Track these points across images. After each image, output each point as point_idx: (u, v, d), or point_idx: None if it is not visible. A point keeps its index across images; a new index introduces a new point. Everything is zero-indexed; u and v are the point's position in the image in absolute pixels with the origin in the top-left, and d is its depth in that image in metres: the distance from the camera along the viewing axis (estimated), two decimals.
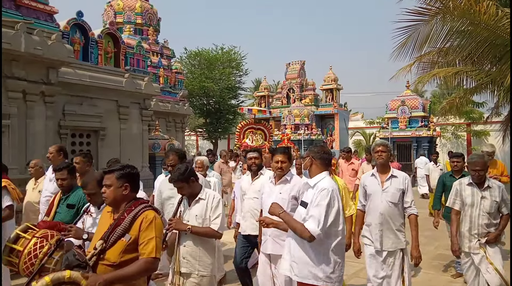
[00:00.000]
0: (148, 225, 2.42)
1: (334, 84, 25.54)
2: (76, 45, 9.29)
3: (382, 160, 3.95)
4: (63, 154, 5.06)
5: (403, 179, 3.89)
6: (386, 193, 3.84)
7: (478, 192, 3.99)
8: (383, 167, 3.96)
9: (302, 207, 2.97)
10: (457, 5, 7.50)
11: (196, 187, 3.41)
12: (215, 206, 3.37)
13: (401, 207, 3.88)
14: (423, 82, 10.53)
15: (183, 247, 3.34)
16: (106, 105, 9.66)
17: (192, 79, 26.26)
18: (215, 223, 3.33)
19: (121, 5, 15.39)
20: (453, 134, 24.69)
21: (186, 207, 3.43)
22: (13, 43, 6.71)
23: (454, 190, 4.16)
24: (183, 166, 3.41)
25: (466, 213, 4.06)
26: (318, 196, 2.83)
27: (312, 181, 3.01)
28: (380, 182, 3.91)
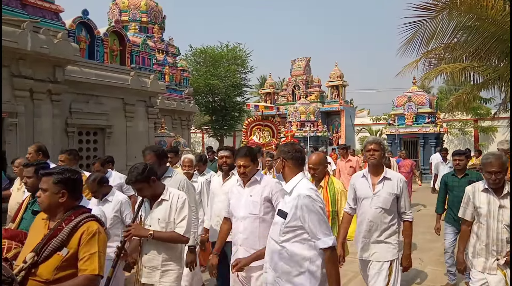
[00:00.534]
0: (90, 239, 2.13)
1: (339, 80, 25.47)
2: (82, 43, 9.33)
3: (375, 160, 3.48)
4: (42, 153, 4.81)
5: (397, 182, 3.45)
6: (377, 198, 3.43)
7: (496, 200, 3.26)
8: (375, 168, 3.52)
9: (280, 217, 2.63)
10: (464, 0, 7.43)
11: (158, 187, 3.07)
12: (180, 207, 3.04)
13: (395, 213, 3.48)
14: (429, 78, 10.45)
15: (145, 256, 3.01)
16: (112, 103, 9.70)
17: (197, 77, 26.28)
18: (181, 226, 3.00)
19: (126, 3, 15.42)
20: (460, 130, 24.54)
21: (147, 210, 3.10)
22: (20, 42, 6.75)
23: (466, 197, 3.50)
24: (141, 164, 3.04)
25: (482, 226, 3.32)
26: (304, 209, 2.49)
27: (288, 186, 2.69)
28: (371, 184, 3.50)
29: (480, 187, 3.39)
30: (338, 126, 25.60)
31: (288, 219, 2.57)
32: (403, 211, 3.46)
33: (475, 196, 3.41)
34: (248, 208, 3.14)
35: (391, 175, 3.51)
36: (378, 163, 3.50)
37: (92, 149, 9.28)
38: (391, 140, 18.61)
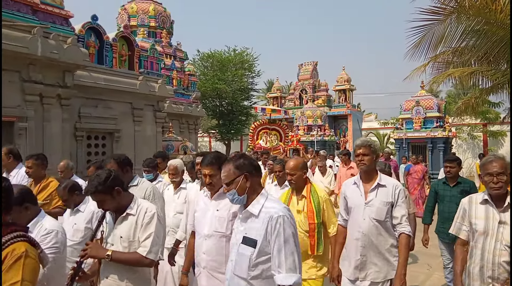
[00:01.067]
0: (13, 264, 1.75)
1: (347, 84, 25.41)
2: (91, 48, 9.43)
3: (364, 167, 3.12)
4: (13, 157, 4.57)
5: (392, 189, 3.08)
6: (370, 208, 3.08)
7: (495, 213, 2.67)
8: (367, 174, 3.17)
9: (248, 246, 2.18)
10: (472, 4, 7.40)
11: (123, 199, 2.61)
12: (146, 223, 2.57)
13: (391, 225, 3.11)
14: (438, 82, 10.40)
15: (105, 280, 2.59)
16: (121, 107, 9.78)
17: (204, 81, 26.40)
18: (144, 246, 2.54)
19: (135, 9, 15.57)
20: (469, 134, 24.33)
21: (110, 226, 2.66)
22: (30, 47, 6.85)
23: (460, 210, 2.94)
24: (103, 172, 2.60)
25: (477, 245, 2.74)
26: (275, 234, 2.13)
27: (254, 207, 2.26)
28: (363, 192, 3.13)
29: (478, 199, 2.80)
30: (345, 130, 25.52)
31: (258, 248, 2.14)
32: (398, 222, 3.05)
33: (471, 210, 2.82)
34: (213, 225, 2.69)
35: (386, 181, 3.15)
36: (369, 168, 3.14)
37: (101, 153, 9.35)
38: (399, 144, 18.50)
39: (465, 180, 4.78)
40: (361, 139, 3.24)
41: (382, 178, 3.15)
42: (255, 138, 14.59)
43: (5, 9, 6.81)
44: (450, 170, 4.67)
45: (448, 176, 4.72)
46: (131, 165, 3.58)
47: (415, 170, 10.46)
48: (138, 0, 15.93)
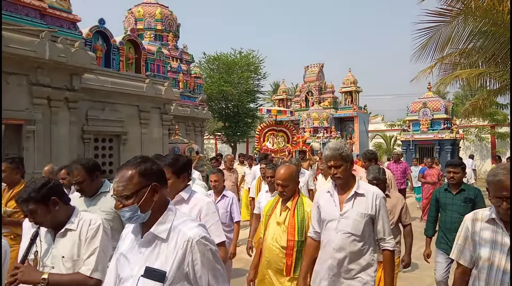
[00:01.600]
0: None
1: (353, 86, 25.35)
2: (99, 51, 9.50)
3: (340, 181, 2.74)
4: None
5: (372, 199, 2.70)
6: (345, 220, 2.69)
7: (506, 237, 2.13)
8: (341, 187, 2.79)
9: (153, 281, 1.62)
10: (479, 6, 7.38)
11: (61, 212, 2.22)
12: (90, 238, 2.21)
13: (370, 240, 2.72)
14: (445, 83, 10.37)
15: None
16: (128, 110, 9.84)
17: (211, 83, 26.47)
18: (87, 264, 2.17)
19: (142, 12, 15.67)
20: (476, 136, 24.14)
21: (49, 244, 2.25)
22: (38, 51, 6.91)
23: (463, 229, 2.37)
24: (40, 180, 2.24)
25: (481, 276, 2.22)
26: (199, 263, 1.66)
27: (160, 228, 1.71)
28: (337, 202, 2.76)
29: (485, 216, 2.26)
30: (352, 132, 25.43)
31: (170, 282, 1.63)
32: (381, 237, 2.70)
33: (475, 230, 2.27)
34: None
35: (365, 189, 2.75)
36: (345, 182, 2.75)
37: (108, 155, 9.41)
38: (406, 146, 18.41)
39: (469, 187, 4.35)
40: (329, 147, 2.74)
41: (360, 186, 2.75)
42: (261, 140, 14.43)
43: (14, 13, 6.89)
44: (453, 176, 4.22)
45: (451, 182, 4.25)
46: (100, 171, 3.29)
47: (429, 174, 9.99)
48: (144, 4, 16.03)
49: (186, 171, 2.69)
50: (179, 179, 2.62)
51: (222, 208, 4.49)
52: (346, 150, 2.72)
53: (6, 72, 6.70)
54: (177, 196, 2.62)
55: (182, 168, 2.64)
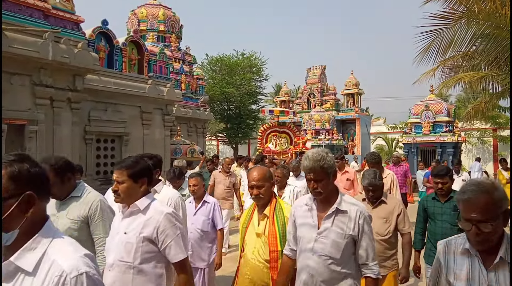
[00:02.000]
0: None
1: (355, 88, 25.36)
2: (101, 52, 9.53)
3: (321, 196, 2.36)
4: None
5: (356, 217, 2.31)
6: (323, 241, 2.30)
7: (482, 273, 1.73)
8: (321, 201, 2.40)
9: None
10: (482, 9, 7.36)
11: None
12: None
13: (351, 265, 2.34)
14: (447, 86, 10.35)
15: None
16: (130, 111, 9.87)
17: (213, 85, 26.52)
18: None
19: (145, 13, 15.72)
20: (478, 139, 24.10)
21: None
22: (41, 51, 6.94)
23: (435, 262, 1.98)
24: None
25: None
26: None
27: (26, 259, 1.25)
28: (315, 219, 2.37)
29: (458, 246, 1.84)
30: (353, 134, 25.43)
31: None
32: (364, 262, 2.32)
33: (448, 265, 1.86)
34: (119, 252, 2.23)
35: (349, 206, 2.35)
36: (325, 197, 2.37)
37: (110, 156, 9.43)
38: (408, 149, 18.39)
39: None
40: (309, 156, 2.33)
41: (343, 202, 2.36)
42: (264, 141, 14.31)
43: (17, 13, 6.92)
44: (442, 187, 3.84)
45: (440, 193, 3.89)
46: (73, 171, 2.91)
47: None
48: (148, 5, 16.09)
49: (146, 176, 2.36)
50: (136, 185, 2.28)
51: (203, 215, 4.20)
52: (329, 161, 2.31)
53: (9, 72, 6.74)
54: (132, 206, 2.29)
55: (141, 172, 2.33)
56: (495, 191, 1.65)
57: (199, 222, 4.15)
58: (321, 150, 2.36)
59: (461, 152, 19.45)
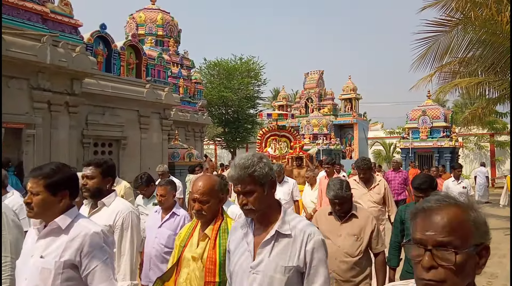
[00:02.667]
0: None
1: (353, 93, 25.42)
2: (100, 56, 9.54)
3: (253, 215, 1.80)
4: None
5: (302, 242, 1.73)
6: (258, 277, 1.74)
7: None
8: (259, 221, 1.83)
9: None
10: (478, 15, 7.42)
11: None
12: None
13: None
14: (444, 92, 10.41)
15: None
16: (128, 115, 9.86)
17: (211, 89, 26.54)
18: None
19: (143, 18, 15.75)
20: (476, 144, 24.17)
21: None
22: (39, 55, 6.95)
23: None
24: None
25: None
26: None
27: None
28: (251, 247, 1.80)
29: None
30: (351, 139, 25.46)
31: None
32: None
33: None
34: (33, 280, 1.82)
35: (294, 226, 1.76)
36: (262, 215, 1.80)
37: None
38: (405, 154, 18.43)
39: None
40: (235, 163, 1.79)
41: (287, 221, 1.78)
42: (263, 145, 14.06)
43: (16, 17, 6.93)
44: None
45: None
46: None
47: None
48: (146, 9, 16.12)
49: (68, 189, 1.94)
50: (55, 198, 1.89)
51: (169, 229, 3.51)
52: (261, 168, 1.76)
53: (7, 76, 6.73)
54: (51, 224, 1.89)
55: (61, 183, 1.91)
56: (473, 211, 1.06)
57: (164, 237, 3.44)
58: (254, 155, 1.82)
59: (458, 157, 19.50)
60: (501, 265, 6.51)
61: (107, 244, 1.96)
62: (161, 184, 3.73)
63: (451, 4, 8.12)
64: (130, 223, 2.75)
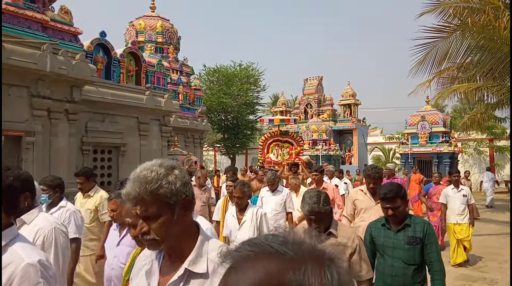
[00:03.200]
0: None
1: (352, 99, 25.49)
2: (99, 64, 9.57)
3: (155, 247, 1.34)
4: None
5: None
6: None
7: None
8: (168, 253, 1.39)
9: None
10: (475, 21, 7.47)
11: None
12: None
13: None
14: (443, 97, 10.45)
15: None
16: (127, 121, 9.87)
17: (210, 95, 26.59)
18: None
19: (143, 25, 15.83)
20: (475, 149, 24.19)
21: None
22: (39, 63, 6.97)
23: None
24: None
25: None
26: None
27: None
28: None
29: None
30: (350, 144, 25.48)
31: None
32: None
33: None
34: None
35: (213, 262, 1.33)
36: (171, 246, 1.35)
37: (107, 167, 9.41)
38: (405, 159, 18.43)
39: (416, 220, 3.02)
40: (134, 175, 1.33)
41: (202, 254, 1.35)
42: (265, 151, 13.42)
43: (16, 25, 6.96)
44: (395, 213, 2.91)
45: (390, 218, 2.97)
46: None
47: (437, 191, 7.88)
48: (146, 17, 16.20)
49: (6, 202, 1.63)
50: None
51: (129, 245, 3.05)
52: (169, 184, 1.31)
53: (7, 83, 6.75)
54: None
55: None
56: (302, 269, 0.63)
57: (123, 255, 3.00)
58: (161, 165, 1.34)
59: (458, 162, 19.50)
60: (501, 270, 6.50)
61: (46, 278, 1.54)
62: (111, 198, 3.14)
63: (449, 10, 8.17)
64: (53, 242, 2.39)
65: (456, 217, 6.94)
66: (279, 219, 5.77)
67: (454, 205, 6.99)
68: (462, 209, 6.93)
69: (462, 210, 6.93)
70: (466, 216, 6.92)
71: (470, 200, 6.94)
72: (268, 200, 5.91)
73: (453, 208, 6.98)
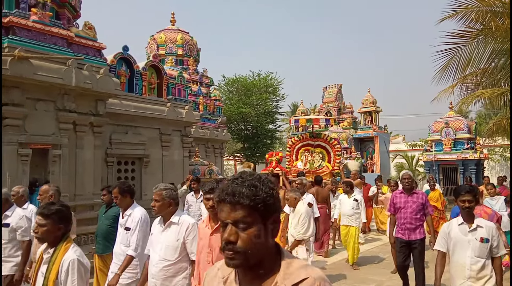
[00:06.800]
0: None
1: (372, 106, 25.21)
2: (122, 77, 9.78)
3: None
4: None
5: None
6: None
7: None
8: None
9: None
10: (498, 26, 7.32)
11: None
12: None
13: None
14: (467, 103, 10.24)
15: None
16: (150, 133, 10.04)
17: (230, 105, 26.80)
18: None
19: (163, 38, 16.14)
20: (501, 156, 23.54)
21: None
22: (65, 78, 7.18)
23: None
24: None
25: None
26: None
27: None
28: None
29: None
30: (372, 152, 25.14)
31: None
32: None
33: None
34: None
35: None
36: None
37: (130, 178, 9.56)
38: (429, 167, 18.08)
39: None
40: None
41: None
42: (293, 158, 11.51)
43: (43, 42, 7.20)
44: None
45: None
46: None
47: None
48: (166, 30, 16.53)
49: None
50: None
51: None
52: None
53: (34, 98, 6.99)
54: None
55: None
56: None
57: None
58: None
59: (484, 169, 19.00)
60: None
61: None
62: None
63: (471, 15, 8.04)
64: None
65: None
66: None
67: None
68: None
69: None
70: None
71: None
72: None
73: None
